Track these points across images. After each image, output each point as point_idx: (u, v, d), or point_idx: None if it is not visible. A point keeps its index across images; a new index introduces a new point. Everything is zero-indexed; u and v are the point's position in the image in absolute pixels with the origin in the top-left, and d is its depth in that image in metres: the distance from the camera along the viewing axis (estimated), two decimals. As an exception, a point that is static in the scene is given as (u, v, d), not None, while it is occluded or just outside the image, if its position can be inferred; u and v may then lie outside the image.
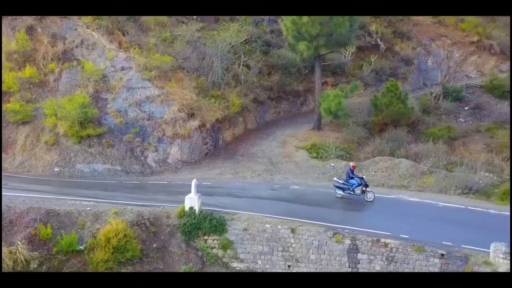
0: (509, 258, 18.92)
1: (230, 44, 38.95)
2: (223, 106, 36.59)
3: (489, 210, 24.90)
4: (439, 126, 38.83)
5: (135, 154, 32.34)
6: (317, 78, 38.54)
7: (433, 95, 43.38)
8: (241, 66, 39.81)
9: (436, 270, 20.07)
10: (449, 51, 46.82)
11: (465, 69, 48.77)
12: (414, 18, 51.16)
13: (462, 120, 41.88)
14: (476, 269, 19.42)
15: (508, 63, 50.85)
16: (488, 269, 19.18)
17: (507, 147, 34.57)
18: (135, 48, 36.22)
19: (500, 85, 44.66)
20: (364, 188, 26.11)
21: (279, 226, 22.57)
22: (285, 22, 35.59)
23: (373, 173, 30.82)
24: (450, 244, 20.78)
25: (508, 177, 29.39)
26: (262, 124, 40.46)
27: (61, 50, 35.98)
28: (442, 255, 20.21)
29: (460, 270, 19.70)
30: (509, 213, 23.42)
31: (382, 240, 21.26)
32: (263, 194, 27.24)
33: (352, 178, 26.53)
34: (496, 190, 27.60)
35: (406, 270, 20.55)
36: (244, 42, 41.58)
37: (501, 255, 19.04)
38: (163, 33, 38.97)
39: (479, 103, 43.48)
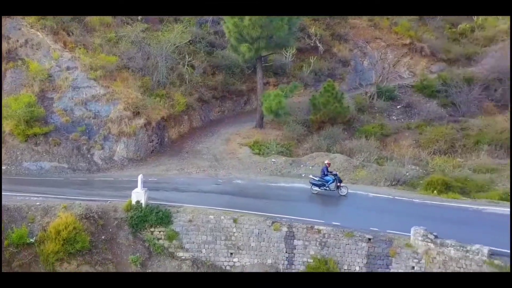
0: (427, 240, 21.26)
1: (175, 44, 40.17)
2: (168, 105, 37.80)
3: (413, 200, 27.42)
4: (372, 124, 41.51)
5: (81, 152, 33.10)
6: (259, 78, 40.38)
7: (368, 95, 46.14)
8: (185, 66, 41.10)
9: (364, 253, 22.24)
10: (383, 53, 49.85)
11: (398, 70, 52.18)
12: (351, 21, 54.05)
13: (395, 118, 44.83)
14: (399, 250, 21.69)
15: (438, 64, 54.60)
16: (408, 250, 21.50)
17: (433, 142, 37.66)
18: (80, 48, 36.85)
19: (430, 85, 47.96)
20: (338, 184, 27.83)
21: (222, 217, 24.18)
22: (227, 25, 37.18)
23: (310, 167, 32.91)
24: (377, 229, 22.97)
25: (432, 169, 32.24)
26: (207, 122, 41.94)
27: (5, 49, 36.16)
28: (369, 239, 22.36)
29: (385, 252, 21.93)
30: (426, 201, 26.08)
31: (316, 227, 23.24)
32: (207, 188, 28.76)
33: (327, 175, 28.11)
34: (421, 182, 30.25)
35: (337, 254, 22.63)
36: (189, 43, 42.89)
37: (419, 238, 21.36)
38: (108, 33, 39.75)
39: (410, 102, 46.58)
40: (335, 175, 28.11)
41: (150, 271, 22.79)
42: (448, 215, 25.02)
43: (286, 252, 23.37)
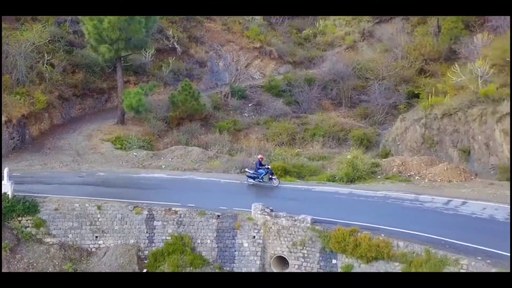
0: (265, 213, 25.70)
1: (34, 44, 40.94)
2: (28, 103, 38.60)
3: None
4: (227, 120, 46.02)
5: None
6: (119, 77, 42.70)
7: (223, 94, 50.61)
8: (45, 65, 42.01)
9: (214, 227, 26.11)
10: (236, 55, 54.63)
11: (250, 71, 57.40)
12: (206, 24, 58.17)
13: (246, 115, 49.79)
14: (242, 223, 25.88)
15: (285, 66, 60.76)
16: (250, 223, 25.81)
17: (278, 135, 43.10)
18: None
19: (276, 85, 53.79)
20: (270, 176, 30.88)
21: (87, 205, 26.59)
22: (87, 26, 38.95)
23: (170, 159, 36.28)
24: (225, 208, 26.95)
25: (275, 158, 37.27)
26: (68, 119, 43.25)
27: None
28: (218, 216, 26.28)
29: (231, 226, 26.02)
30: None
31: (173, 209, 26.65)
32: (71, 181, 30.80)
33: (260, 168, 31.07)
34: (265, 168, 34.92)
35: (192, 230, 26.27)
36: (48, 42, 43.72)
37: (259, 212, 25.75)
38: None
39: (260, 101, 51.91)
40: (267, 168, 31.15)
41: (19, 256, 24.58)
42: (285, 194, 29.95)
43: (146, 232, 26.46)
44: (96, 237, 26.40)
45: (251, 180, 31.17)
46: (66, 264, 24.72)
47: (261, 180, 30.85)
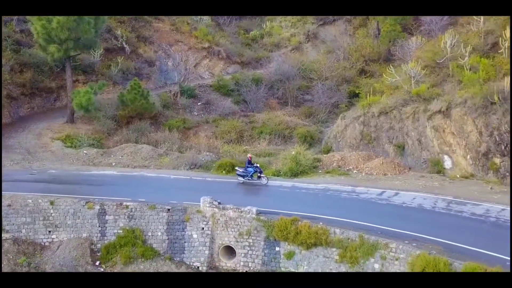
0: (213, 206, 27.27)
1: (-21, 43, 40.86)
2: (-25, 102, 38.62)
3: (206, 178, 33.64)
4: (176, 119, 47.15)
5: None
6: (68, 76, 43.15)
7: (172, 93, 51.68)
8: (-9, 64, 41.94)
9: (164, 220, 27.46)
10: (185, 55, 55.76)
11: (198, 71, 58.58)
12: (154, 24, 58.97)
13: (196, 113, 51.07)
14: (192, 216, 27.36)
15: (233, 66, 62.30)
16: (199, 215, 27.31)
17: (226, 133, 44.67)
18: None
19: (225, 85, 55.25)
20: (259, 174, 32.00)
21: (40, 200, 27.42)
22: (35, 26, 39.31)
23: (120, 157, 37.27)
24: (175, 202, 28.38)
25: (223, 155, 38.89)
26: (17, 118, 43.35)
27: None
28: (168, 209, 27.69)
29: (181, 218, 27.44)
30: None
31: (125, 203, 27.86)
32: (23, 178, 31.41)
33: (249, 167, 32.20)
34: (213, 165, 36.57)
35: (143, 224, 27.51)
36: (-6, 41, 43.59)
37: (207, 205, 27.32)
38: None
39: (209, 100, 53.23)
40: (256, 167, 32.30)
41: None
42: (232, 188, 31.68)
43: (99, 226, 27.55)
44: (49, 231, 27.27)
45: (241, 178, 32.25)
46: (20, 258, 25.58)
47: (250, 178, 31.98)
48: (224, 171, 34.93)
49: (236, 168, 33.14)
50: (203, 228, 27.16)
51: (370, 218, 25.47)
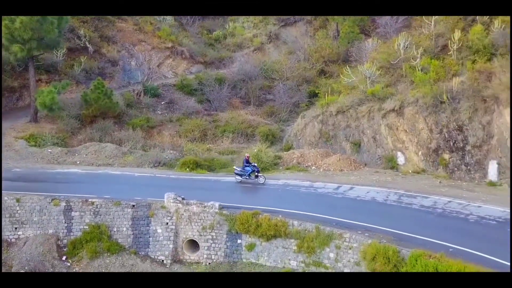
0: (177, 201, 28.32)
1: None
2: None
3: (170, 176, 34.65)
4: (140, 118, 47.83)
5: None
6: (31, 76, 43.38)
7: (136, 92, 52.28)
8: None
9: (129, 216, 28.38)
10: (148, 55, 56.45)
11: (162, 70, 59.26)
12: (118, 24, 59.32)
13: (159, 112, 51.83)
14: (156, 212, 28.35)
15: (196, 66, 63.16)
16: (163, 211, 28.31)
17: (190, 132, 45.70)
18: None
19: (188, 84, 56.14)
20: (256, 174, 32.38)
21: (6, 198, 27.94)
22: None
23: (84, 155, 37.88)
24: (140, 198, 29.32)
25: (187, 153, 39.92)
26: (-22, 118, 43.23)
27: None
28: (133, 205, 28.60)
29: (146, 214, 28.39)
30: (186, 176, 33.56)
31: (90, 200, 28.64)
32: (-14, 177, 31.71)
33: (247, 166, 32.60)
34: (177, 162, 37.57)
35: (108, 220, 28.36)
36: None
37: (171, 200, 28.36)
38: None
39: (172, 99, 53.98)
40: (254, 166, 32.69)
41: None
42: (196, 184, 32.81)
43: (65, 223, 28.28)
44: (16, 228, 27.84)
45: (238, 177, 32.79)
46: (-14, 255, 26.12)
47: (247, 177, 32.48)
48: (187, 169, 35.97)
49: (234, 167, 33.76)
50: (167, 223, 28.16)
51: (326, 211, 27.01)
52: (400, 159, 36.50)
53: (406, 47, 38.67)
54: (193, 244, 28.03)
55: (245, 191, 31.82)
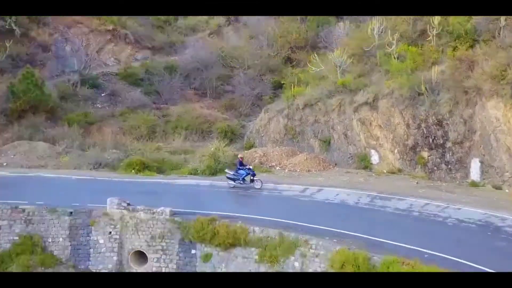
0: (121, 207, 29.11)
1: None
2: None
3: (112, 179, 35.43)
4: (76, 112, 48.43)
5: None
6: None
7: (71, 82, 52.80)
8: None
9: (66, 225, 28.96)
10: (86, 39, 56.94)
11: (102, 57, 59.83)
12: (51, 3, 59.49)
13: (99, 106, 52.52)
14: (98, 219, 29.04)
15: (143, 52, 63.95)
16: (106, 218, 29.04)
17: (136, 128, 46.54)
18: None
19: (134, 73, 57.17)
20: (252, 177, 32.66)
21: None
22: None
23: (12, 156, 38.40)
24: (78, 204, 29.93)
25: (133, 152, 40.70)
26: None
27: None
28: (71, 212, 29.24)
29: (86, 222, 29.07)
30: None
31: (20, 207, 29.12)
32: None
33: (240, 169, 32.88)
34: (121, 164, 38.33)
35: (42, 229, 28.91)
36: None
37: (115, 206, 29.12)
38: None
39: (115, 90, 54.86)
40: (249, 169, 33.03)
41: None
42: (143, 188, 33.63)
43: (-9, 233, 28.73)
44: None
45: (231, 182, 33.10)
46: None
47: (241, 181, 32.71)
48: (133, 171, 36.78)
49: (226, 170, 34.01)
50: (110, 232, 28.89)
51: (291, 216, 28.22)
52: (374, 158, 38.31)
53: (381, 32, 40.49)
54: (141, 256, 28.82)
55: (200, 195, 32.84)
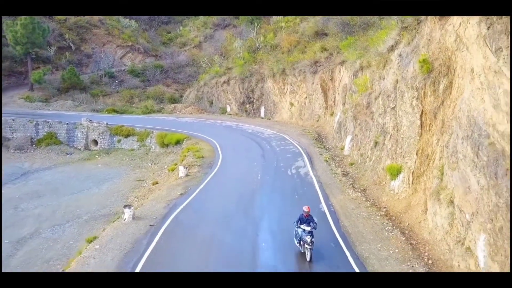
0: (88, 121, 62.76)
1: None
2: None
3: (96, 114, 69.33)
4: (97, 89, 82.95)
5: None
6: (29, 64, 79.07)
7: (99, 75, 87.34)
8: (-15, 56, 77.98)
9: (65, 128, 63.10)
10: (114, 50, 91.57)
11: (123, 61, 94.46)
12: (93, 30, 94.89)
13: (113, 87, 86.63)
14: (78, 126, 62.93)
15: (150, 58, 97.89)
16: (81, 126, 62.80)
17: (125, 97, 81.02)
18: None
19: (135, 69, 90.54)
20: (308, 245, 21.91)
21: (7, 118, 63.01)
22: (8, 33, 74.81)
23: (55, 106, 72.99)
24: (72, 120, 63.77)
25: (112, 106, 74.63)
26: (-1, 88, 79.47)
27: None
28: (67, 123, 63.06)
29: (73, 127, 63.09)
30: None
31: (48, 120, 63.34)
32: None
33: (299, 227, 22.28)
34: (105, 110, 72.44)
35: (56, 130, 63.03)
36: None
37: (85, 121, 62.86)
38: None
39: (123, 79, 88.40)
40: (310, 232, 22.07)
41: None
42: (108, 119, 67.17)
43: (35, 131, 63.13)
44: (12, 132, 62.81)
45: (295, 240, 22.55)
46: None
47: (299, 244, 22.18)
48: (107, 112, 70.42)
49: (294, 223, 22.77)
50: (82, 131, 62.22)
51: (156, 125, 60.88)
52: (228, 109, 70.30)
53: (240, 47, 72.46)
54: (95, 141, 62.20)
55: (132, 120, 65.78)
